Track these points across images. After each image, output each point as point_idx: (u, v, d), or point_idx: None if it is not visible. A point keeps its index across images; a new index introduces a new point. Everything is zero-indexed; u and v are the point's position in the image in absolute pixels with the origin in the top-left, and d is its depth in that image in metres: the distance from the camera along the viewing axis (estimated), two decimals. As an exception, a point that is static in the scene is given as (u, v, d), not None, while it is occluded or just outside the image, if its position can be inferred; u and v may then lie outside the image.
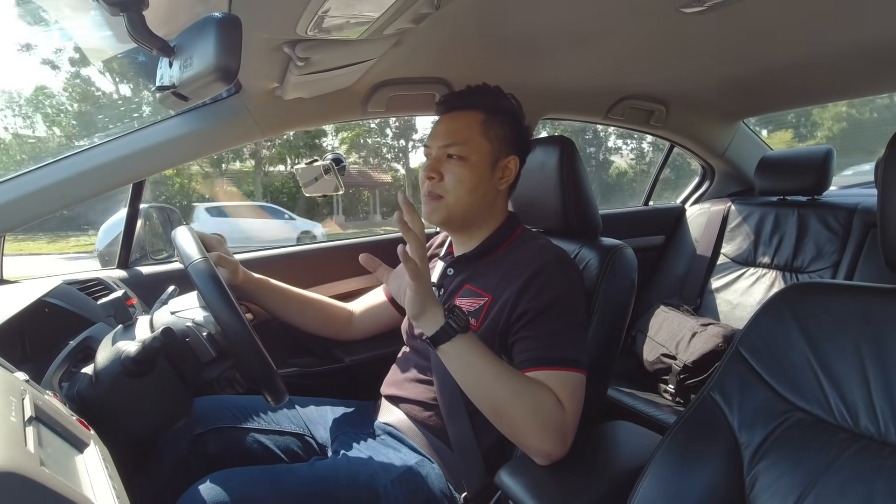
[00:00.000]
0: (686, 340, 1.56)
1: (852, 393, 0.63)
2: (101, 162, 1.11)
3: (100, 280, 1.14)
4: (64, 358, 0.79)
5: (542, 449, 0.78)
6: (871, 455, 0.59)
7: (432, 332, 0.79)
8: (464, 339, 0.79)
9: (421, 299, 0.78)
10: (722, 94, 1.71)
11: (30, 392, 0.51)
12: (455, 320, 0.79)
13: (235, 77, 0.74)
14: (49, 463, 0.42)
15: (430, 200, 0.96)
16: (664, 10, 1.00)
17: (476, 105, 0.98)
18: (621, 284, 1.02)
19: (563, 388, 0.81)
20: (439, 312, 0.79)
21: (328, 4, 0.76)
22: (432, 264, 1.11)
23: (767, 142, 2.23)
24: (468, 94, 0.99)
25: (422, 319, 0.80)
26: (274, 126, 1.28)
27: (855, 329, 0.64)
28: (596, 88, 1.61)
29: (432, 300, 0.80)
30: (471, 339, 0.80)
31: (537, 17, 1.04)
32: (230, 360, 0.82)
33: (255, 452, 0.96)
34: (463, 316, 0.80)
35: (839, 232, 1.65)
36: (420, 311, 0.79)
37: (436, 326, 0.79)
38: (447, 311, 0.79)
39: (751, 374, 0.70)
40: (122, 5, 0.64)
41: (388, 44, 1.02)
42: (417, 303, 0.78)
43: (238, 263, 1.06)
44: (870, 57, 1.29)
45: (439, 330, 0.78)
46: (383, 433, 0.99)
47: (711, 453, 0.69)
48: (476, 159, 0.95)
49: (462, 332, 0.79)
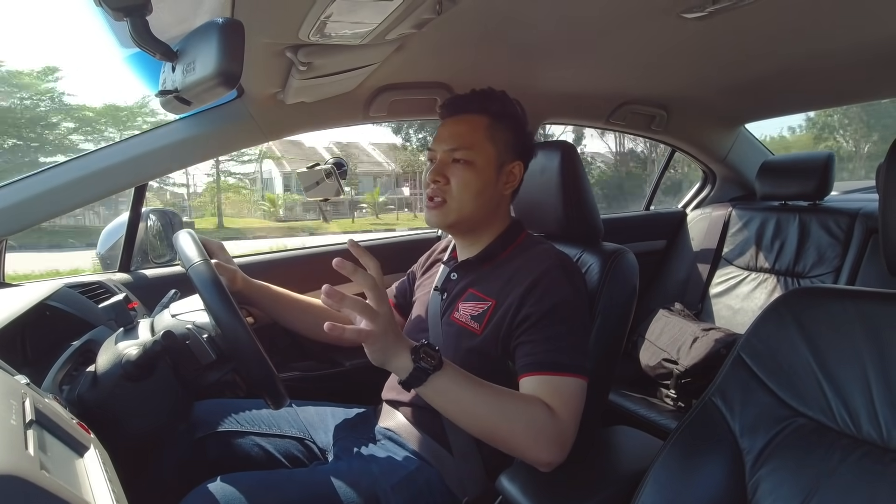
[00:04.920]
0: (687, 345, 1.55)
1: (854, 398, 0.63)
2: (104, 166, 1.12)
3: (101, 283, 1.14)
4: (65, 361, 0.79)
5: (542, 459, 0.78)
6: (873, 461, 0.59)
7: (403, 377, 0.73)
8: (439, 378, 0.73)
9: (379, 350, 0.71)
10: (723, 99, 1.72)
11: (30, 395, 0.51)
12: (424, 360, 0.72)
13: (238, 82, 0.74)
14: (49, 466, 0.42)
15: (436, 205, 0.96)
16: (665, 16, 1.00)
17: (482, 109, 0.97)
18: (622, 289, 1.01)
19: (561, 394, 0.80)
20: (405, 356, 0.72)
21: (330, 10, 0.76)
22: (436, 269, 1.11)
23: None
24: (474, 98, 0.99)
25: (389, 367, 0.74)
26: (276, 130, 1.28)
27: (857, 334, 0.64)
28: (597, 93, 1.62)
29: (393, 346, 0.72)
30: (447, 375, 0.74)
31: (539, 23, 1.04)
32: (231, 364, 0.82)
33: (256, 456, 0.96)
34: (433, 352, 0.73)
35: (841, 237, 1.65)
36: (383, 361, 0.73)
37: (405, 372, 0.72)
38: (413, 353, 0.73)
39: (752, 380, 0.70)
40: (126, 10, 0.64)
41: (390, 48, 1.02)
42: (377, 354, 0.72)
43: (237, 270, 1.06)
44: (871, 62, 1.30)
45: (409, 376, 0.72)
46: (384, 438, 0.98)
47: (713, 459, 0.69)
48: (482, 163, 0.95)
49: (435, 370, 0.73)
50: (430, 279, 1.09)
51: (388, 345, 0.72)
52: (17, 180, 1.07)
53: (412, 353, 0.73)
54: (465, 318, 0.94)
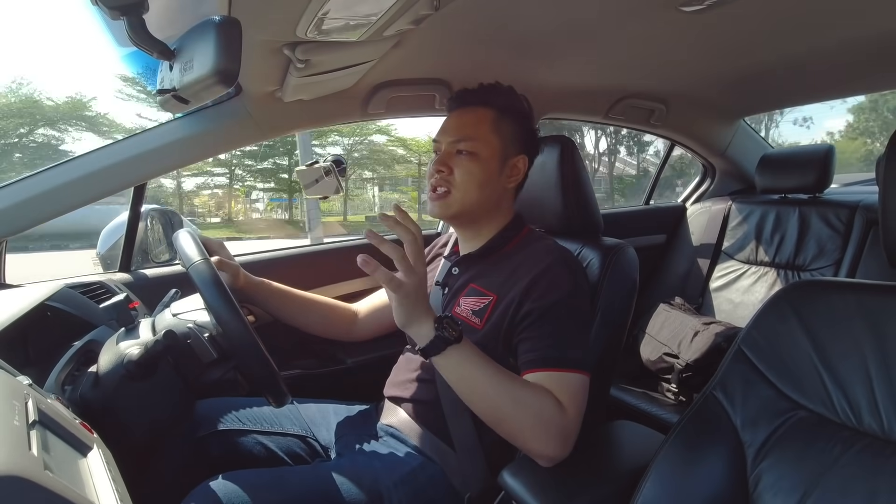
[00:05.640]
0: (688, 339, 1.55)
1: (855, 391, 0.63)
2: (103, 166, 1.11)
3: (102, 283, 1.14)
4: (67, 361, 0.79)
5: (545, 453, 0.78)
6: (874, 453, 0.59)
7: (422, 344, 0.76)
8: (457, 350, 0.76)
9: (405, 311, 0.74)
10: (722, 92, 1.71)
11: (33, 396, 0.52)
12: (446, 331, 0.75)
13: (236, 80, 0.74)
14: (53, 467, 0.42)
15: (439, 195, 0.96)
16: (664, 9, 1.00)
17: (488, 102, 0.97)
18: (623, 284, 1.01)
19: (566, 390, 0.80)
20: (428, 324, 0.75)
21: (328, 6, 0.76)
22: (437, 263, 1.11)
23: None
24: (480, 91, 0.99)
25: (410, 331, 0.77)
26: (274, 128, 1.28)
27: (857, 327, 0.64)
28: (596, 88, 1.61)
29: (419, 311, 0.75)
30: (465, 350, 0.77)
31: (537, 17, 1.04)
32: (232, 362, 0.82)
33: (258, 455, 0.96)
34: (455, 325, 0.76)
35: (841, 230, 1.65)
36: (406, 322, 0.75)
37: (425, 339, 0.75)
38: (437, 322, 0.75)
39: (753, 373, 0.70)
40: (122, 9, 0.64)
41: (387, 45, 1.02)
42: (402, 314, 0.74)
43: (238, 267, 1.06)
44: (871, 53, 1.29)
45: (429, 343, 0.75)
46: (386, 435, 0.99)
47: (714, 452, 0.69)
48: (486, 155, 0.95)
49: (455, 342, 0.75)
50: (430, 274, 1.09)
51: (416, 305, 0.74)
52: (17, 181, 1.07)
53: (436, 322, 0.75)
54: (467, 313, 0.94)
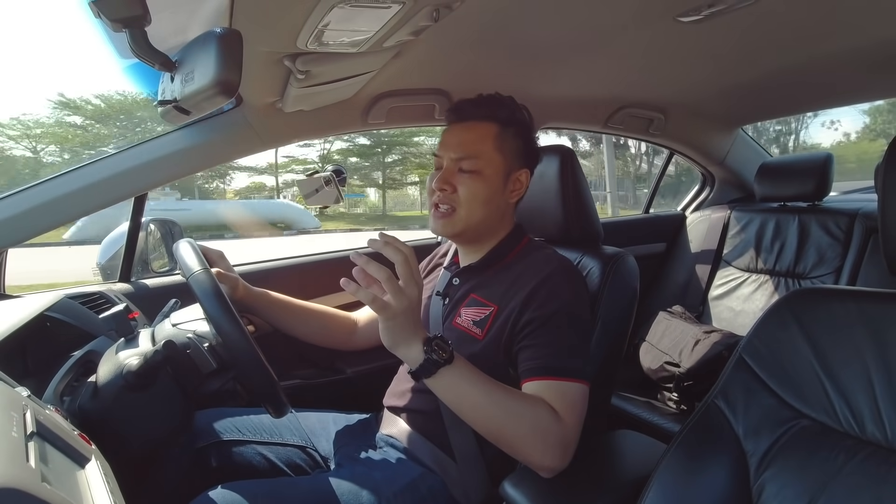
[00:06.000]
0: (689, 348, 1.55)
1: (857, 399, 0.62)
2: (104, 176, 1.12)
3: (102, 294, 1.14)
4: (66, 372, 0.79)
5: (544, 464, 0.77)
6: (878, 462, 0.59)
7: (412, 367, 0.74)
8: (449, 371, 0.74)
9: (391, 333, 0.71)
10: (720, 101, 1.72)
11: (31, 407, 0.51)
12: (436, 353, 0.72)
13: (236, 91, 0.74)
14: (50, 478, 0.42)
15: (443, 214, 0.95)
16: (661, 20, 1.01)
17: (491, 116, 0.95)
18: (623, 292, 1.01)
19: (564, 399, 0.80)
20: (417, 346, 0.73)
21: (328, 18, 0.77)
22: (437, 273, 1.11)
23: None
24: (483, 104, 0.97)
25: (398, 353, 0.74)
26: (275, 138, 1.29)
27: (859, 334, 0.64)
28: (595, 98, 1.62)
29: (407, 333, 0.72)
30: (457, 369, 0.75)
31: (536, 28, 1.05)
32: (232, 372, 0.81)
33: (258, 465, 0.96)
34: (446, 346, 0.74)
35: (840, 237, 1.65)
36: (393, 345, 0.73)
37: (415, 363, 0.73)
38: (426, 344, 0.73)
39: (755, 381, 0.70)
40: (125, 22, 0.65)
41: (387, 56, 1.03)
42: (388, 336, 0.72)
43: (238, 278, 1.06)
44: (868, 63, 1.30)
45: (419, 367, 0.73)
46: (386, 445, 0.98)
47: (717, 461, 0.68)
48: (490, 173, 0.94)
49: (446, 364, 0.73)
50: (430, 284, 1.09)
51: (405, 327, 0.71)
52: (18, 192, 1.07)
53: (424, 345, 0.73)
54: (467, 324, 0.94)
